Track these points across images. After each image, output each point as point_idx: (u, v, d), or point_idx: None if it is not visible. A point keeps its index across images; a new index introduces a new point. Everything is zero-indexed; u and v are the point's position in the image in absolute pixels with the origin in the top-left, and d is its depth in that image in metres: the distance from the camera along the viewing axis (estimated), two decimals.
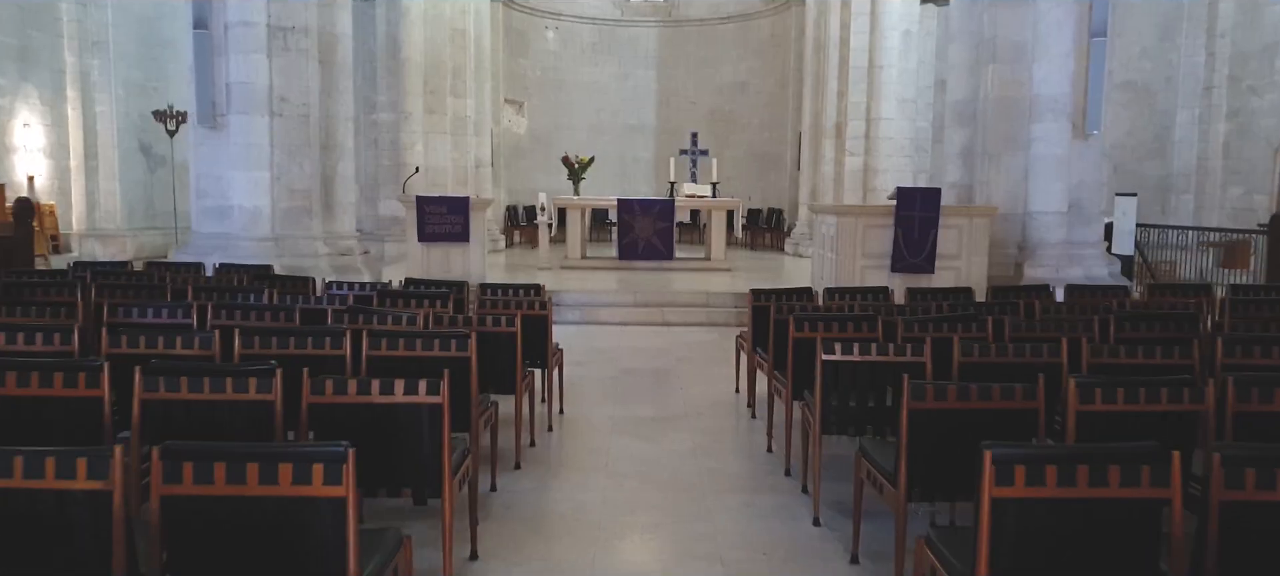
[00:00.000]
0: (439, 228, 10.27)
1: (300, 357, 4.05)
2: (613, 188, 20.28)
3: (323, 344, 4.18)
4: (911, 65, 16.30)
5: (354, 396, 3.29)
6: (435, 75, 16.03)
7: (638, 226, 13.16)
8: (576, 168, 13.64)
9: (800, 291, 6.67)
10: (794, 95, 18.97)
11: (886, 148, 16.16)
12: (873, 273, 9.07)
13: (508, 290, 6.57)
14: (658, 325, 9.98)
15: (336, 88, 9.91)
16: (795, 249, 16.85)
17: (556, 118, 20.59)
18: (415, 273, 10.27)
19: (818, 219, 10.08)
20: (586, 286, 11.29)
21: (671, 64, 21.31)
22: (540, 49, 20.52)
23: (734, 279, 12.40)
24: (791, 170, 19.23)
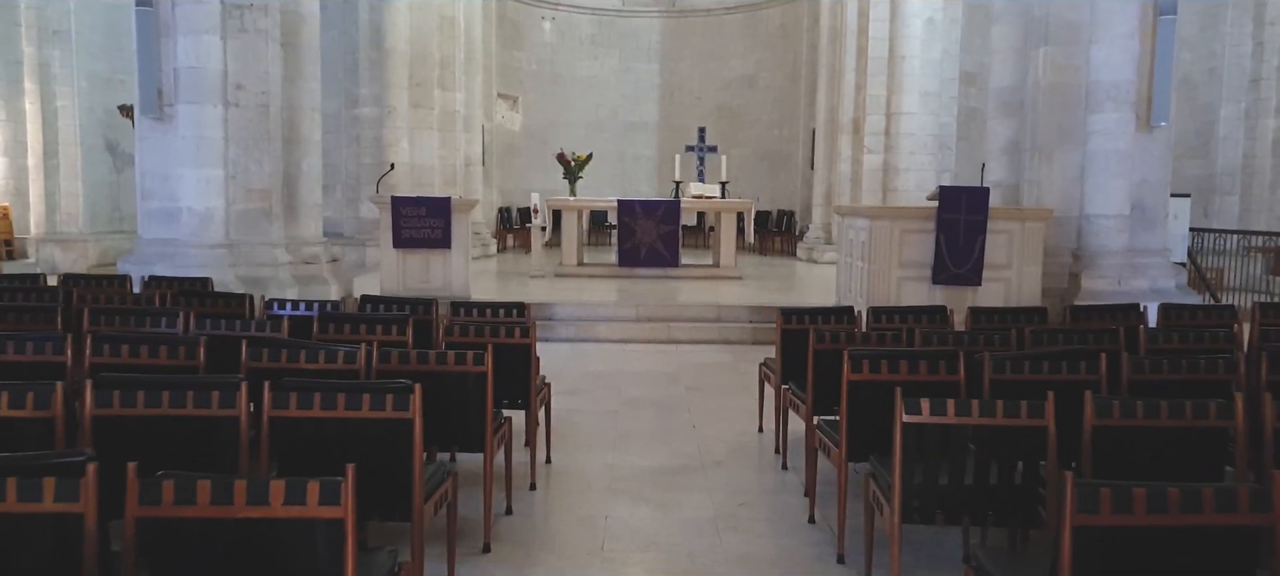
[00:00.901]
0: (417, 232, 9.12)
1: (158, 425, 2.92)
2: (613, 187, 19.13)
3: (207, 401, 3.01)
4: (935, 56, 15.14)
5: (205, 507, 2.13)
6: (422, 67, 14.89)
7: (639, 230, 12.01)
8: (573, 166, 12.50)
9: (838, 312, 5.52)
10: (806, 89, 17.81)
11: (908, 145, 15.01)
12: (910, 285, 7.93)
13: (485, 311, 5.42)
14: (662, 343, 8.83)
15: (301, 74, 8.76)
16: (809, 254, 15.69)
17: (553, 113, 19.44)
18: (390, 283, 9.14)
19: (844, 223, 8.93)
20: (582, 298, 10.14)
21: (675, 57, 20.16)
22: (536, 40, 19.38)
23: (746, 289, 11.24)
24: (804, 169, 18.05)
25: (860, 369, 3.74)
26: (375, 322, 4.68)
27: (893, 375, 3.72)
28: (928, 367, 3.77)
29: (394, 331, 4.61)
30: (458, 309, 5.42)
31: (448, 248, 9.13)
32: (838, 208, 9.00)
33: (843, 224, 9.02)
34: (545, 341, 8.67)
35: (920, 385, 3.69)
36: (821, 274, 13.56)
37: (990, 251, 7.85)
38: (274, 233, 8.54)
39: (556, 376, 7.18)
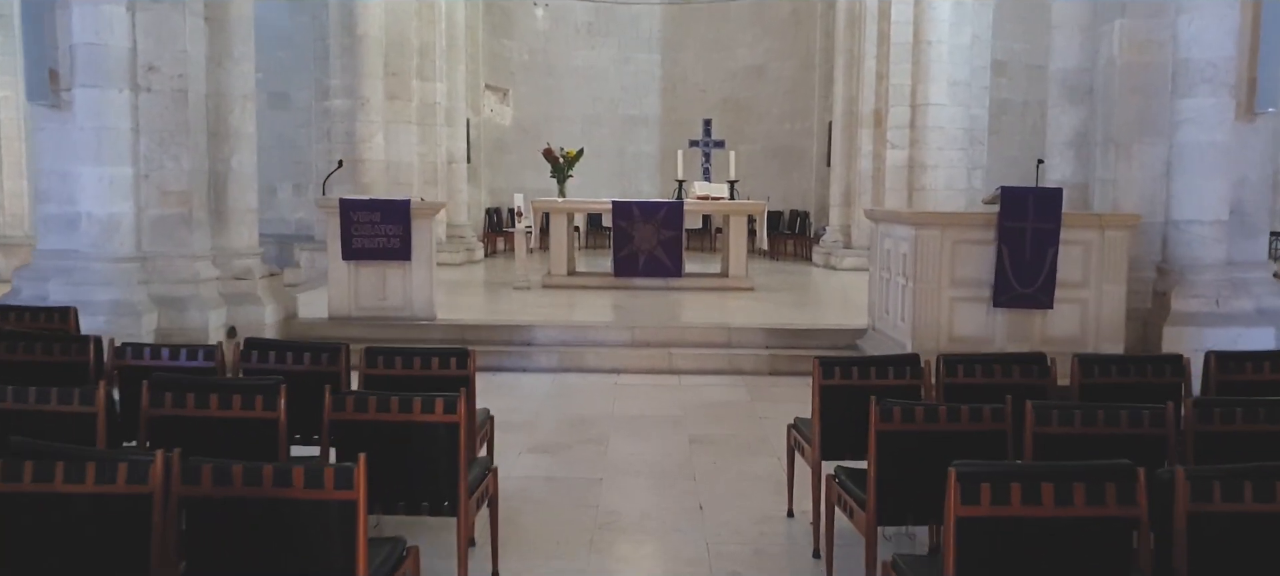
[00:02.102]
0: (370, 241, 7.69)
1: None
2: (612, 187, 17.70)
3: None
4: (964, 41, 13.67)
5: None
6: (398, 55, 13.46)
7: (638, 235, 10.57)
8: (562, 163, 11.06)
9: (897, 363, 4.05)
10: (821, 79, 16.35)
11: (936, 139, 13.55)
12: (965, 308, 6.49)
13: (413, 360, 3.98)
14: (663, 373, 7.39)
15: (230, 55, 7.34)
16: (826, 259, 14.23)
17: (546, 107, 17.98)
18: (340, 302, 7.72)
19: (877, 230, 7.48)
20: (570, 317, 8.70)
21: (678, 46, 18.70)
22: (527, 28, 17.93)
23: (760, 304, 9.79)
24: (818, 166, 16.60)
25: (976, 495, 2.28)
26: (235, 393, 3.22)
27: (1036, 508, 2.27)
28: (1088, 494, 2.31)
29: (259, 405, 3.16)
30: (375, 359, 3.98)
31: (407, 259, 7.70)
32: (871, 212, 7.55)
33: (876, 232, 7.58)
34: (522, 372, 7.28)
35: (1083, 528, 2.26)
36: (843, 283, 12.11)
37: (1062, 267, 6.40)
38: (196, 242, 7.12)
39: (531, 421, 5.78)
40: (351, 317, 7.77)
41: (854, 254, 13.84)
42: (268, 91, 15.17)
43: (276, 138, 15.18)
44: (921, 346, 6.45)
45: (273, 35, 14.95)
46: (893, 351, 6.83)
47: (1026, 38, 15.80)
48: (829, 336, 7.74)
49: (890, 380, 3.92)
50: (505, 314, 8.71)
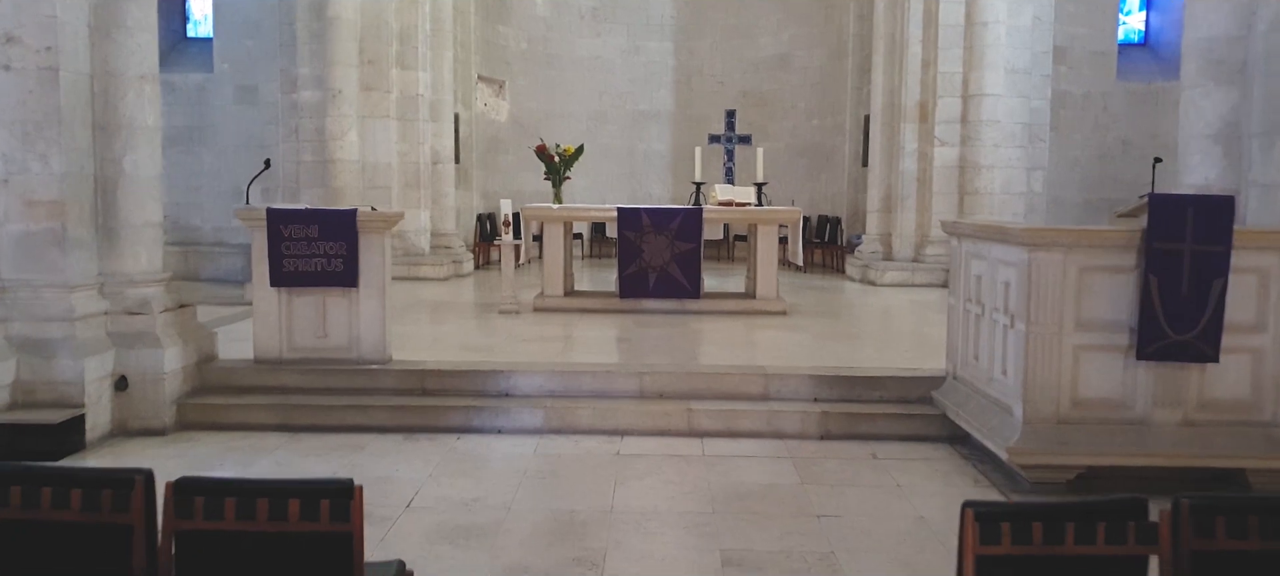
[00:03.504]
0: (306, 262, 5.99)
1: None
2: (618, 190, 16.03)
3: None
4: (1024, 22, 11.93)
5: None
6: (375, 40, 11.80)
7: (648, 249, 8.86)
8: (557, 162, 9.34)
9: (1111, 512, 2.30)
10: (855, 69, 14.60)
11: (991, 135, 11.81)
12: (1096, 360, 4.75)
13: (254, 504, 2.26)
14: (681, 436, 5.66)
15: (122, 22, 5.65)
16: (864, 273, 12.48)
17: (547, 101, 16.28)
18: (268, 342, 6.05)
19: (963, 249, 5.73)
20: (563, 357, 6.99)
21: (693, 34, 16.97)
22: (526, 14, 16.22)
23: (800, 335, 8.05)
24: (851, 167, 14.85)
25: None
26: None
27: None
28: None
29: None
30: (186, 502, 2.26)
31: (352, 285, 6.00)
32: (953, 226, 5.81)
33: (958, 251, 5.83)
34: (496, 434, 5.58)
35: None
36: (886, 304, 10.36)
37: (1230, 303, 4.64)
38: (73, 267, 5.43)
39: (497, 525, 4.12)
40: (282, 361, 6.09)
41: (896, 267, 12.10)
42: (234, 84, 13.59)
43: (243, 136, 13.57)
44: (1035, 412, 4.73)
45: (238, 21, 13.35)
46: (992, 413, 5.10)
47: (1089, 20, 14.06)
48: (895, 386, 6.01)
49: (1100, 546, 2.19)
50: (481, 350, 7.01)
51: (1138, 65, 14.87)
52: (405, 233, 12.18)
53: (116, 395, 5.56)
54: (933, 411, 5.79)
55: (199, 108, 13.61)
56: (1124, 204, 14.87)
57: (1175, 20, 14.82)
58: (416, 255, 12.17)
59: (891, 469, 5.15)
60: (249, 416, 5.76)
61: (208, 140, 13.79)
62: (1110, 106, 14.58)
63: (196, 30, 14.15)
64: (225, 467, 5.07)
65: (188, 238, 13.86)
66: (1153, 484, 4.44)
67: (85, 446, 5.28)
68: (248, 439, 5.54)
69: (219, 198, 13.91)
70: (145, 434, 5.58)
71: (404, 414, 5.75)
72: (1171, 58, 14.88)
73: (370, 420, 5.72)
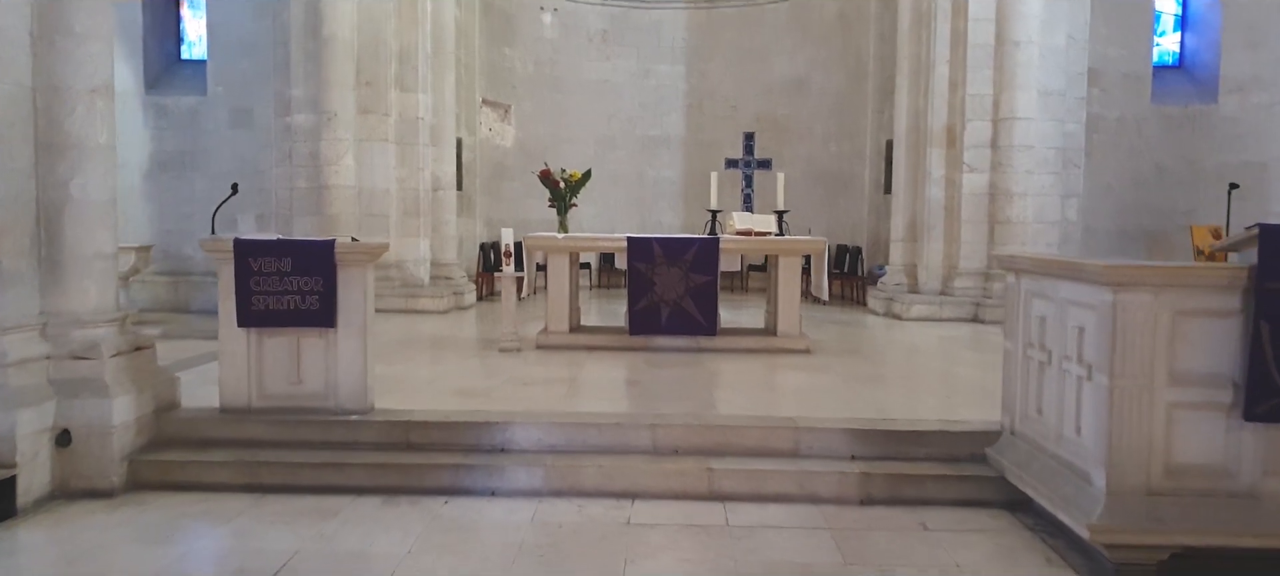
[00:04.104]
0: (278, 300, 5.32)
1: None
2: (627, 217, 15.40)
3: None
4: (1058, 42, 11.28)
5: None
6: (373, 61, 11.24)
7: (660, 281, 8.18)
8: (563, 188, 8.69)
9: None
10: (875, 92, 13.97)
11: (1023, 161, 11.13)
12: (1192, 421, 4.02)
13: None
14: (700, 499, 4.95)
15: (69, 27, 5.02)
16: (888, 306, 11.76)
17: (554, 126, 15.70)
18: (235, 389, 5.38)
19: (1022, 287, 5.02)
20: (567, 402, 6.28)
21: (705, 57, 16.39)
22: (533, 36, 15.68)
23: (824, 375, 7.33)
24: (872, 194, 14.18)
25: None
26: None
27: None
28: None
29: None
30: None
31: (330, 325, 5.33)
32: (1009, 259, 5.11)
33: (1015, 289, 5.11)
34: (490, 497, 4.88)
35: None
36: (913, 340, 9.64)
37: None
38: (8, 305, 4.78)
39: None
40: (251, 410, 5.40)
41: (923, 301, 11.39)
42: (228, 107, 13.02)
43: (238, 161, 12.98)
44: (1120, 481, 4.01)
45: (234, 42, 12.81)
46: (1064, 479, 4.37)
47: (1122, 41, 13.41)
48: (942, 442, 5.29)
49: None
50: (476, 395, 6.31)
51: (1173, 88, 14.20)
52: (404, 263, 11.55)
53: (57, 452, 4.88)
54: (988, 472, 5.06)
55: (191, 132, 13.05)
56: (1161, 234, 14.21)
57: (1211, 41, 14.19)
58: (415, 286, 11.52)
59: (947, 543, 4.42)
60: (210, 475, 5.07)
61: (201, 165, 13.22)
62: (1145, 131, 13.90)
63: (191, 52, 13.63)
64: (177, 539, 4.38)
65: (179, 267, 13.26)
66: (1262, 569, 3.72)
67: (17, 512, 4.60)
68: (207, 502, 4.85)
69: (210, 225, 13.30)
70: (90, 496, 4.89)
71: (385, 472, 5.05)
72: (1208, 80, 14.26)
73: (346, 480, 5.03)
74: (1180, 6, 14.63)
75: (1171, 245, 13.79)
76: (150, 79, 13.00)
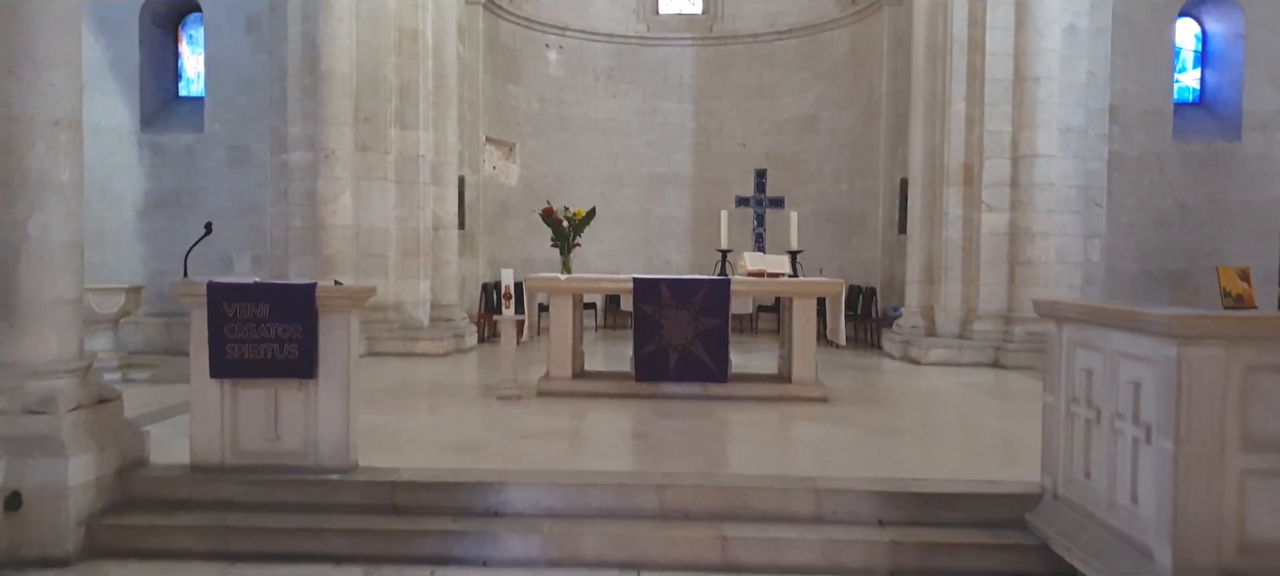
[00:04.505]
0: (254, 348, 4.91)
1: None
2: (634, 256, 15.02)
3: None
4: (1078, 78, 10.93)
5: None
6: (372, 97, 10.93)
7: (668, 325, 7.76)
8: (566, 227, 8.30)
9: None
10: (888, 129, 13.63)
11: (1044, 199, 10.73)
12: (1270, 489, 3.56)
13: None
14: (713, 571, 4.49)
15: (30, 55, 4.68)
16: (905, 350, 11.30)
17: (560, 164, 15.40)
18: (207, 445, 4.96)
19: (1064, 336, 4.58)
20: (568, 457, 5.84)
21: (713, 94, 16.11)
22: (538, 73, 15.42)
23: (845, 427, 6.87)
24: (885, 233, 13.78)
25: None
26: None
27: None
28: None
29: None
30: None
31: (310, 376, 4.91)
32: (1050, 306, 4.69)
33: (1057, 339, 4.68)
34: (480, 568, 4.43)
35: None
36: (933, 387, 9.18)
37: None
38: None
39: None
40: (224, 468, 4.97)
41: (941, 344, 10.93)
42: (225, 145, 12.70)
43: (235, 199, 12.64)
44: (1187, 558, 3.55)
45: (232, 78, 12.52)
46: (1120, 553, 3.91)
47: (1140, 77, 13.04)
48: (977, 505, 4.82)
49: None
50: (470, 449, 5.86)
51: (1194, 125, 13.81)
52: (403, 304, 11.16)
53: (7, 516, 4.45)
54: (1029, 540, 4.59)
55: (188, 170, 12.73)
56: (1185, 275, 13.75)
57: (1232, 78, 13.82)
58: (414, 329, 11.12)
59: None
60: (176, 541, 4.63)
61: (197, 204, 12.87)
62: (1166, 169, 13.48)
63: (189, 89, 13.36)
64: None
65: (172, 307, 12.85)
66: None
67: None
68: (170, 572, 4.41)
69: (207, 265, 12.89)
70: (42, 564, 4.46)
71: (367, 539, 4.60)
72: (1231, 117, 13.86)
73: (324, 547, 4.58)
74: (1199, 42, 14.29)
75: (1196, 287, 13.31)
76: (147, 116, 12.72)
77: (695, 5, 16.60)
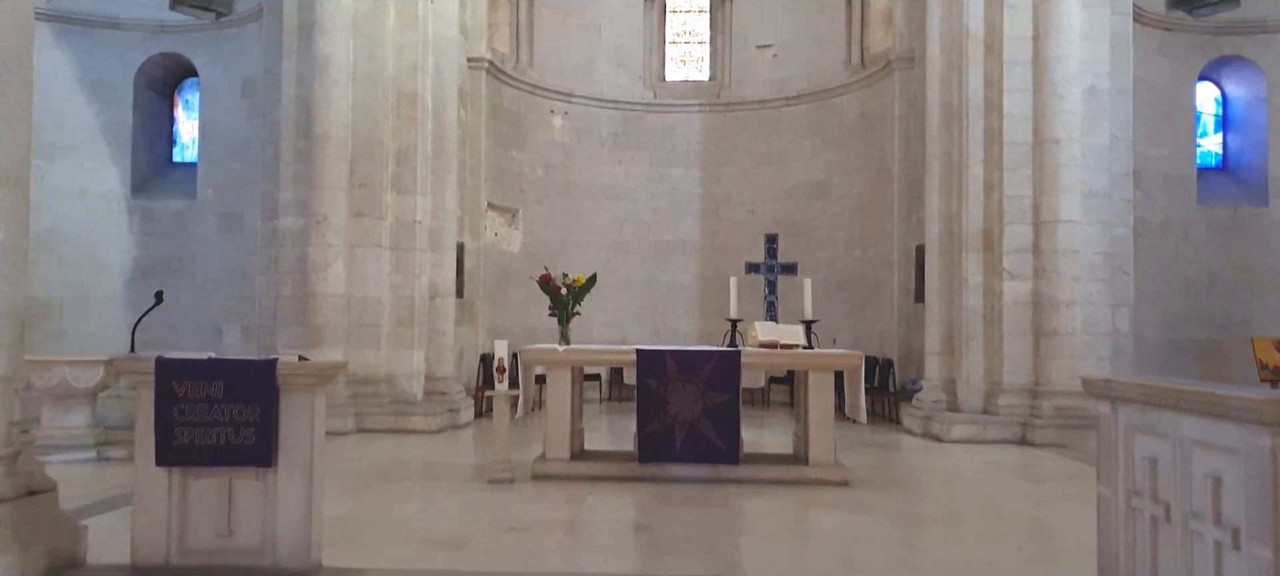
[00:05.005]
0: (205, 433, 4.39)
1: None
2: (641, 326, 14.54)
3: None
4: (1101, 140, 10.51)
5: None
6: (368, 161, 10.57)
7: (674, 401, 7.21)
8: (565, 295, 7.81)
9: None
10: (902, 195, 13.21)
11: (1069, 266, 10.22)
12: None
13: None
14: None
15: None
16: (926, 426, 10.69)
17: (564, 230, 15.01)
18: (150, 542, 4.43)
19: (1119, 420, 4.03)
20: (560, 561, 5.23)
21: (721, 160, 15.78)
22: (543, 139, 15.12)
23: (868, 515, 6.26)
24: (900, 302, 13.26)
25: None
26: None
27: None
28: None
29: None
30: None
31: (268, 465, 4.37)
32: (1104, 385, 4.13)
33: (1112, 419, 4.12)
34: None
35: None
36: (964, 469, 8.54)
37: None
38: None
39: None
40: (170, 569, 4.41)
41: (964, 420, 10.33)
42: (217, 212, 12.37)
43: (226, 268, 12.26)
44: None
45: (226, 143, 12.23)
46: None
47: (1161, 140, 12.65)
48: None
49: None
50: (452, 545, 5.27)
51: (1218, 190, 13.37)
52: (395, 377, 10.64)
53: None
54: None
55: (178, 237, 12.37)
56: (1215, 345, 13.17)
57: (1255, 142, 13.43)
58: (406, 403, 10.57)
59: None
60: None
61: (187, 272, 12.49)
62: (1191, 235, 13.00)
63: (184, 154, 13.09)
64: None
65: None
66: None
67: None
68: None
69: (196, 336, 12.49)
70: None
71: None
72: (1256, 182, 13.41)
73: None
74: (1220, 106, 13.93)
75: (1228, 358, 12.73)
76: (138, 182, 12.41)
77: (702, 72, 16.39)
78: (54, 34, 11.78)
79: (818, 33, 15.25)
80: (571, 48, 15.45)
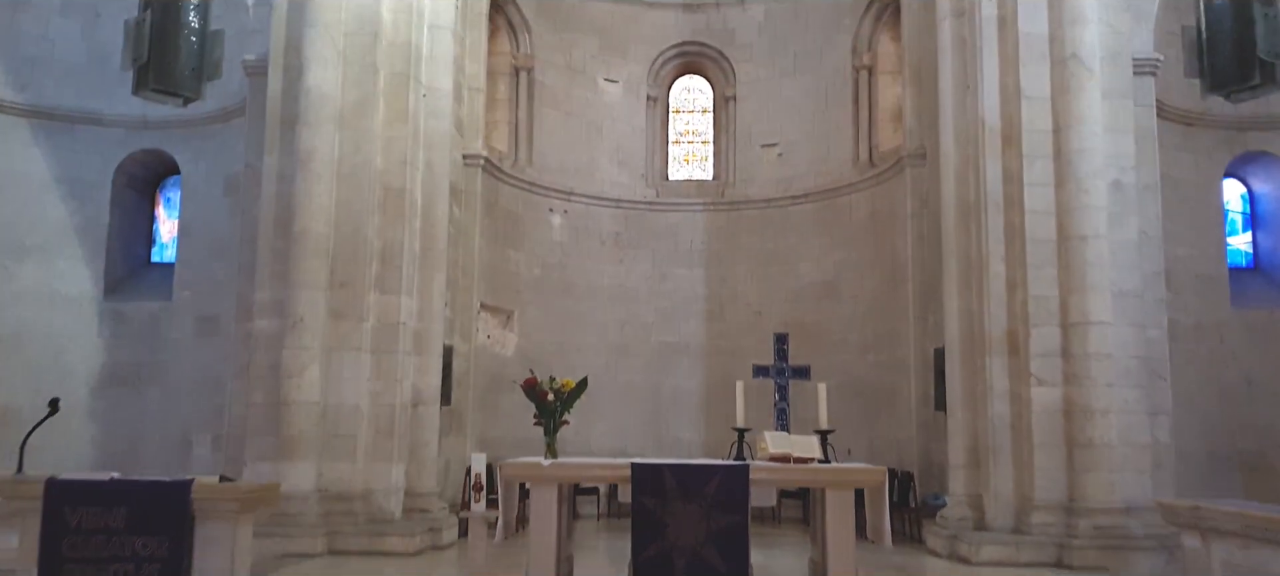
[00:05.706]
0: (101, 570, 3.60)
1: None
2: (642, 435, 13.73)
3: None
4: (1129, 236, 9.91)
5: None
6: (350, 260, 9.98)
7: (674, 523, 6.41)
8: (552, 402, 7.05)
9: None
10: (917, 295, 12.53)
11: (1103, 371, 9.46)
12: None
13: None
14: None
15: None
16: (952, 547, 9.74)
17: (561, 333, 14.32)
18: None
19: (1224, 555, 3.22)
20: None
21: (726, 260, 15.19)
22: (540, 238, 14.58)
23: None
24: (919, 410, 12.44)
25: None
26: None
27: None
28: None
29: None
30: None
31: None
32: (1186, 509, 3.39)
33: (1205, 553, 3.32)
34: None
35: None
36: None
37: None
38: None
39: None
40: None
41: (994, 541, 9.42)
42: (193, 315, 11.75)
43: (199, 374, 11.57)
44: None
45: (206, 243, 11.68)
46: None
47: (1189, 239, 12.04)
48: None
49: None
50: None
51: (1251, 291, 12.71)
52: (371, 493, 9.80)
53: None
54: None
55: (151, 341, 11.71)
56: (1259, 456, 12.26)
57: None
58: (383, 522, 9.68)
59: None
60: None
61: (158, 377, 11.79)
62: (1227, 338, 12.27)
63: (163, 255, 12.54)
64: None
65: None
66: None
67: None
68: None
69: (165, 446, 11.73)
70: None
71: None
72: None
73: None
74: (1246, 203, 13.38)
75: (1275, 470, 11.84)
76: (112, 283, 11.83)
77: (706, 171, 15.99)
78: (32, 131, 11.39)
79: (824, 131, 14.87)
80: (572, 146, 15.07)
